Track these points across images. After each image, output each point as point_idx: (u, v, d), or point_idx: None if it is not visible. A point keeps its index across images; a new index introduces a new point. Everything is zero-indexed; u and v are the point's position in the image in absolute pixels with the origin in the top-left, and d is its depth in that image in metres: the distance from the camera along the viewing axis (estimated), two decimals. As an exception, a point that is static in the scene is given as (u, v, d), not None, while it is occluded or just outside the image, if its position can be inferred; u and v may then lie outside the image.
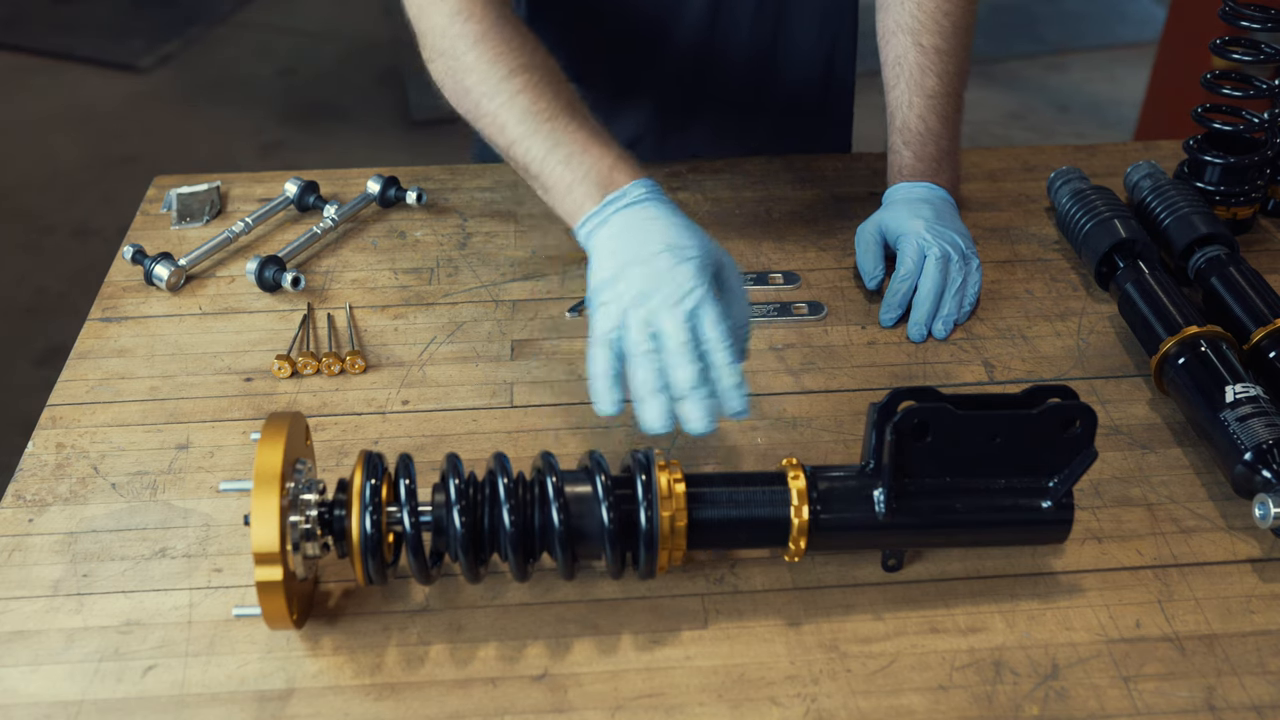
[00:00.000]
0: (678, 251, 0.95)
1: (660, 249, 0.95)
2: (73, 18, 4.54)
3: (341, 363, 1.15)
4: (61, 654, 0.88)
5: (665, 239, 0.96)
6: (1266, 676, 0.87)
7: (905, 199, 1.26)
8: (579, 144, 1.03)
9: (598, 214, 1.00)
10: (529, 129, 1.04)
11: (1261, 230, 1.38)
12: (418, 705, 0.85)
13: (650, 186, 1.01)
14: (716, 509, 0.88)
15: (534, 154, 1.04)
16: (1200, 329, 1.09)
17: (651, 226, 0.97)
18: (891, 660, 0.88)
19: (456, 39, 1.08)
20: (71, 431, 1.08)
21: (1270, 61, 1.29)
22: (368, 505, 0.84)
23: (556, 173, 1.03)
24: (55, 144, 3.76)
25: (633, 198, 1.00)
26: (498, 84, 1.06)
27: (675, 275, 0.94)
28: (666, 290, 0.93)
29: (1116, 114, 3.85)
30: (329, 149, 3.71)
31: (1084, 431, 0.87)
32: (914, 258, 1.20)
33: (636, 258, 0.96)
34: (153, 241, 1.34)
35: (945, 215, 1.24)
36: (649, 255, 0.95)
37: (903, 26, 1.26)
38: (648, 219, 0.98)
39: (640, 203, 0.99)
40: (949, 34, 1.25)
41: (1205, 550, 0.97)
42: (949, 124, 1.28)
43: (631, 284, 0.95)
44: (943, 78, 1.26)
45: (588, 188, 1.01)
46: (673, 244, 0.96)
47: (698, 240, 0.97)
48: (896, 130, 1.29)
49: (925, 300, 1.19)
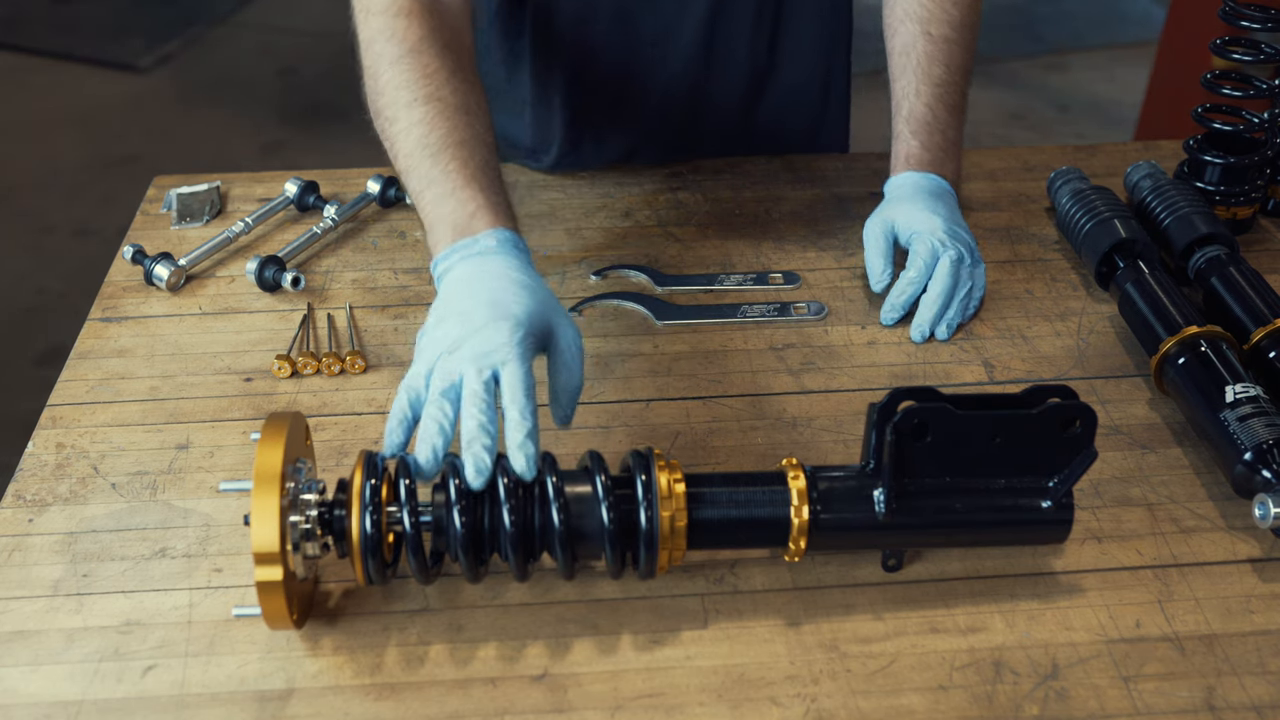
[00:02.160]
0: (498, 308, 0.93)
1: (483, 303, 0.93)
2: (73, 18, 4.54)
3: (341, 363, 1.15)
4: (61, 654, 0.88)
5: (492, 295, 0.94)
6: (1266, 676, 0.87)
7: (913, 192, 1.24)
8: (451, 185, 1.02)
9: (446, 258, 1.00)
10: (415, 161, 1.04)
11: (1261, 230, 1.38)
12: (418, 705, 0.85)
13: (503, 238, 1.00)
14: (716, 509, 0.88)
15: (413, 186, 1.05)
16: (1200, 329, 1.09)
17: (486, 280, 0.96)
18: (891, 660, 0.88)
19: (378, 57, 1.09)
20: (71, 431, 1.08)
21: (1270, 61, 1.29)
22: (368, 505, 0.84)
23: (426, 209, 1.03)
24: (55, 144, 3.76)
25: (481, 248, 0.99)
26: (400, 110, 1.06)
27: (487, 332, 0.91)
28: (474, 343, 0.91)
29: (1116, 114, 3.85)
30: (329, 149, 3.71)
31: (1084, 431, 0.87)
32: (926, 259, 1.19)
33: (460, 309, 0.94)
34: (153, 241, 1.34)
35: (956, 212, 1.25)
36: (471, 308, 0.93)
37: (911, 15, 1.27)
38: (486, 272, 0.97)
39: (486, 254, 0.98)
40: (957, 24, 1.26)
41: (1205, 550, 0.97)
42: (955, 114, 1.28)
43: (449, 332, 0.93)
44: (950, 68, 1.26)
45: (444, 229, 1.01)
46: (497, 301, 0.93)
47: (526, 301, 0.94)
48: (903, 119, 1.28)
49: (934, 303, 1.18)
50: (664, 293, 1.27)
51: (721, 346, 1.19)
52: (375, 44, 1.09)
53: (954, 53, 1.27)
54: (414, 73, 1.07)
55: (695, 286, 1.27)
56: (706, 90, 1.44)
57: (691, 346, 1.19)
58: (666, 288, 1.27)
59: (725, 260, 1.31)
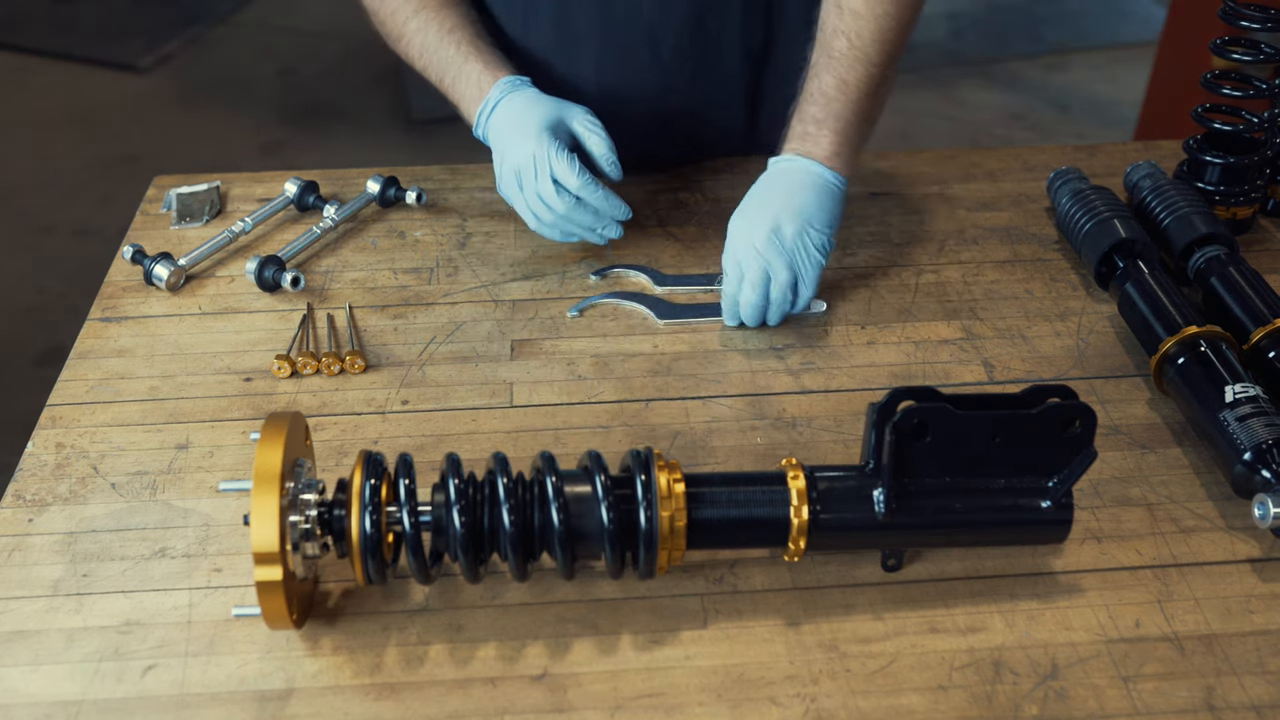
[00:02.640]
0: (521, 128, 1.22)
1: (510, 129, 1.23)
2: (73, 18, 4.54)
3: (341, 363, 1.15)
4: (61, 654, 0.88)
5: (514, 123, 1.23)
6: (1266, 676, 0.87)
7: (762, 186, 1.21)
8: (459, 65, 1.29)
9: (479, 124, 1.28)
10: (429, 57, 1.31)
11: (1261, 230, 1.38)
12: (417, 705, 0.85)
13: (503, 85, 1.26)
14: (716, 509, 0.88)
15: (433, 77, 1.32)
16: (1200, 329, 1.09)
17: (509, 117, 1.24)
18: (891, 660, 0.88)
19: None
20: (71, 431, 1.08)
21: (1270, 61, 1.29)
22: (367, 505, 0.84)
23: (450, 91, 1.31)
24: (55, 144, 3.76)
25: (496, 97, 1.26)
26: (404, 24, 1.33)
27: (523, 144, 1.21)
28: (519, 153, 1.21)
29: (1116, 114, 3.85)
30: (329, 149, 3.71)
31: (1084, 431, 0.87)
32: (733, 276, 1.19)
33: (504, 141, 1.24)
34: (153, 241, 1.34)
35: (795, 205, 1.18)
36: (509, 132, 1.23)
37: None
38: (508, 112, 1.24)
39: (502, 100, 1.25)
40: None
41: (1205, 550, 0.97)
42: (848, 89, 1.20)
43: (506, 156, 1.24)
44: (854, 42, 1.20)
45: (470, 103, 1.28)
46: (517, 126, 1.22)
47: (536, 114, 1.22)
48: (797, 101, 1.25)
49: (749, 315, 1.19)
50: (664, 293, 1.27)
51: (721, 346, 1.19)
52: None
53: (862, 27, 1.20)
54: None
55: (695, 286, 1.27)
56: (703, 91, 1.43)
57: (691, 346, 1.19)
58: (666, 288, 1.27)
59: (725, 260, 1.31)
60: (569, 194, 1.20)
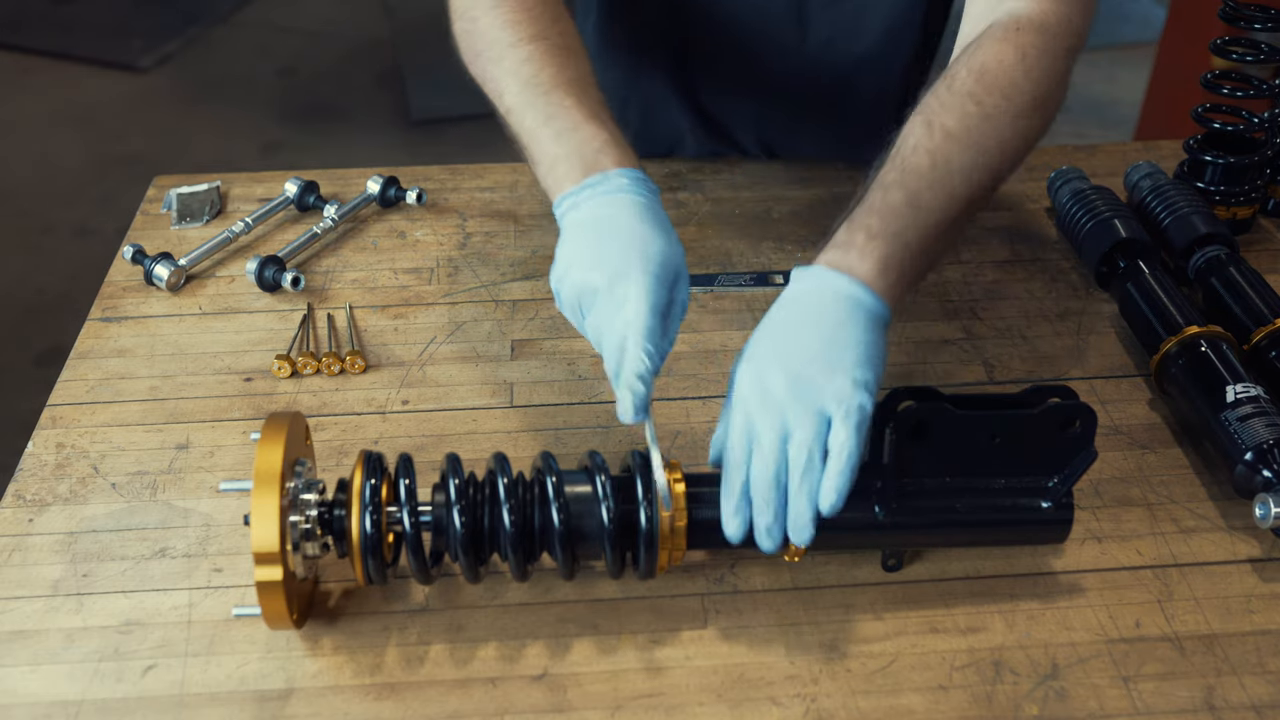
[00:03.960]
0: (633, 252, 0.89)
1: (619, 247, 0.90)
2: (73, 18, 4.54)
3: (341, 363, 1.15)
4: (61, 654, 0.88)
5: (628, 237, 0.90)
6: (1266, 676, 0.87)
7: (783, 313, 0.90)
8: (572, 120, 0.97)
9: (574, 194, 0.94)
10: (526, 99, 0.99)
11: (1261, 230, 1.38)
12: (418, 705, 0.85)
13: (634, 177, 0.94)
14: (716, 509, 0.88)
15: (526, 125, 0.99)
16: (1200, 329, 1.09)
17: (620, 223, 0.91)
18: (891, 660, 0.88)
19: (474, 2, 1.06)
20: (71, 431, 1.08)
21: (1270, 61, 1.29)
22: (368, 505, 0.84)
23: (545, 147, 0.97)
24: (55, 144, 3.76)
25: (613, 185, 0.93)
26: (505, 50, 1.02)
27: (616, 289, 0.88)
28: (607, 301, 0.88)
29: (1116, 114, 3.85)
30: (329, 149, 3.71)
31: (1084, 431, 0.87)
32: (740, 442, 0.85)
33: (595, 251, 0.90)
34: (153, 241, 1.34)
35: (822, 348, 0.84)
36: (606, 251, 0.90)
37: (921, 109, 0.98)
38: (619, 213, 0.92)
39: (618, 192, 0.93)
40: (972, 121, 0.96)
41: (1205, 550, 0.97)
42: (919, 212, 0.91)
43: (588, 278, 0.90)
44: (939, 165, 0.94)
45: (570, 166, 0.95)
46: (632, 244, 0.90)
47: (659, 249, 0.90)
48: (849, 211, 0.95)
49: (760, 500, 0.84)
50: (664, 293, 1.26)
51: (721, 346, 1.19)
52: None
53: (953, 153, 0.94)
54: (518, 13, 1.04)
55: (695, 286, 1.27)
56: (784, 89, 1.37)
57: (691, 346, 1.19)
58: (666, 288, 1.27)
59: (725, 260, 1.31)
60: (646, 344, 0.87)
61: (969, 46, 1.02)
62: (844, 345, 0.84)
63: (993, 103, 0.96)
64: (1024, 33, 1.00)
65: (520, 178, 1.45)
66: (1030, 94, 0.98)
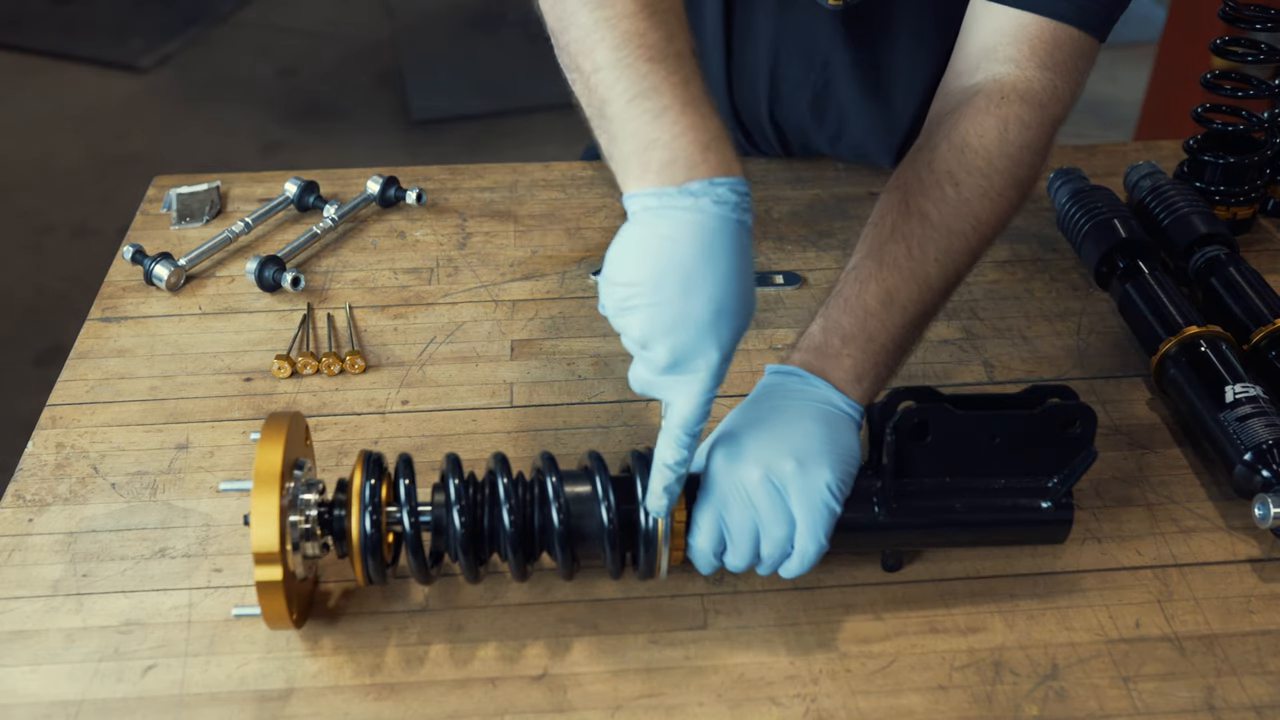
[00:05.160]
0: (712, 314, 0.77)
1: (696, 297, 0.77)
2: (73, 18, 4.54)
3: (341, 363, 1.15)
4: (61, 654, 0.88)
5: (711, 287, 0.77)
6: (1266, 676, 0.87)
7: (757, 410, 0.88)
8: (678, 102, 0.79)
9: (659, 195, 0.78)
10: (622, 59, 0.80)
11: (1261, 230, 1.38)
12: (418, 705, 0.85)
13: (743, 194, 0.79)
14: (716, 509, 0.88)
15: (618, 91, 0.80)
16: (1200, 329, 1.09)
17: (704, 256, 0.77)
18: (891, 660, 0.88)
19: None
20: (71, 431, 1.08)
21: (1270, 61, 1.29)
22: (367, 505, 0.84)
23: (637, 124, 0.79)
24: (55, 144, 3.76)
25: (717, 197, 0.78)
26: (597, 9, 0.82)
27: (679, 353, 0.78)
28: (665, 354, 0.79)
29: (1116, 114, 3.85)
30: (329, 149, 3.71)
31: (1084, 431, 0.87)
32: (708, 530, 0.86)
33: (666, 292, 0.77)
34: (153, 241, 1.34)
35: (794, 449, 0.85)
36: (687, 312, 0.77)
37: (897, 184, 0.98)
38: (709, 241, 0.77)
39: (720, 215, 0.78)
40: (950, 206, 0.95)
41: (1205, 550, 0.97)
42: (892, 309, 0.92)
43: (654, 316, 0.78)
44: (915, 254, 0.94)
45: (664, 157, 0.78)
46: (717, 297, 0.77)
47: (742, 307, 0.79)
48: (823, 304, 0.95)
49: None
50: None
51: (721, 346, 1.19)
52: None
53: (928, 239, 0.93)
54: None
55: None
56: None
57: (691, 346, 1.19)
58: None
59: (725, 260, 1.31)
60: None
61: (952, 114, 1.00)
62: (818, 450, 0.85)
63: (971, 184, 0.96)
64: (1008, 103, 0.98)
65: (520, 178, 1.45)
66: (1009, 173, 0.97)
